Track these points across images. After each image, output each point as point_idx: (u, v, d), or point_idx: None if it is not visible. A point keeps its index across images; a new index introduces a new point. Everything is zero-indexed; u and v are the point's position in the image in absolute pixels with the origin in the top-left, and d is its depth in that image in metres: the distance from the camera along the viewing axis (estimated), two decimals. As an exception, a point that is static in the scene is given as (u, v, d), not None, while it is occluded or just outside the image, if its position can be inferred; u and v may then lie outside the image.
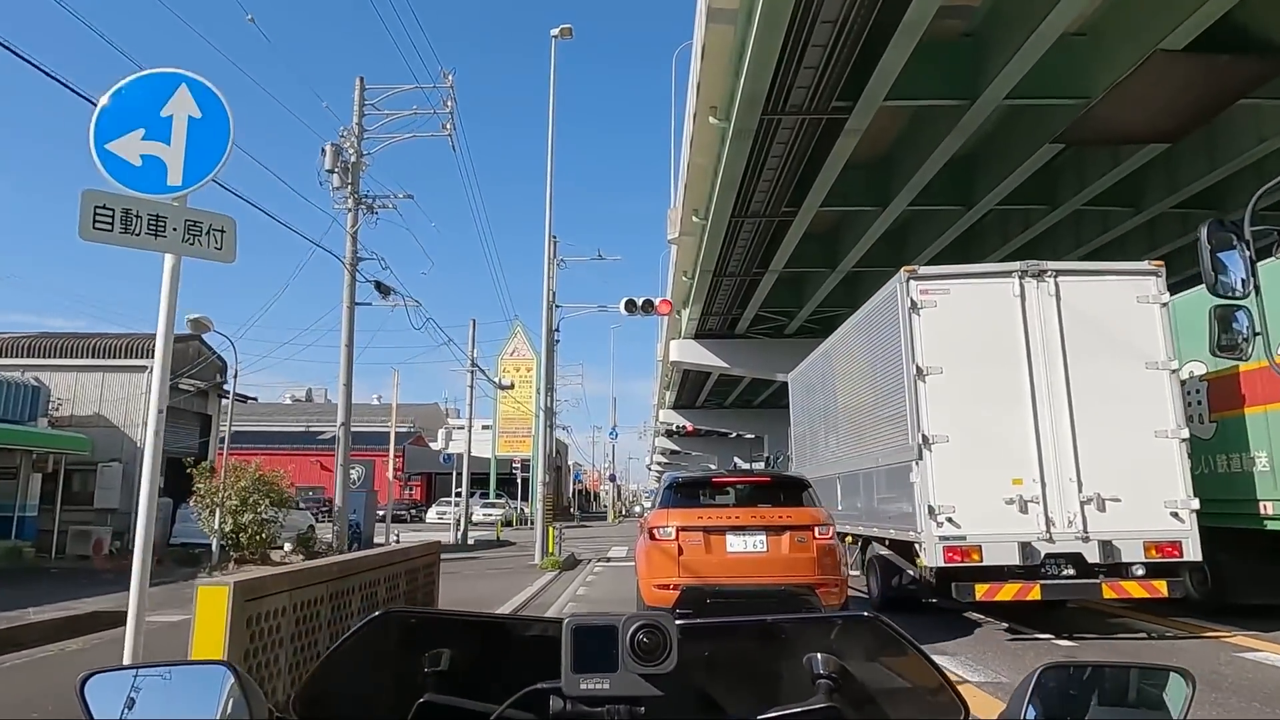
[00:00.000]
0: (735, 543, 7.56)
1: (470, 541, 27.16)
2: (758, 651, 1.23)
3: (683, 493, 8.53)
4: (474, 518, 38.74)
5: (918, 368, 8.14)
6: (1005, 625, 8.72)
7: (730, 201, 16.46)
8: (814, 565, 7.50)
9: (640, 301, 17.79)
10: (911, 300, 8.23)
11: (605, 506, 67.72)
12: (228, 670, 1.10)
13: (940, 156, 14.17)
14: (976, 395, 8.08)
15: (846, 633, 1.20)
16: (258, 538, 17.37)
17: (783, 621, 1.23)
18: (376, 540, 21.69)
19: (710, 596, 7.29)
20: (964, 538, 7.81)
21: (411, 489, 49.10)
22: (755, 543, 7.55)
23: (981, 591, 7.73)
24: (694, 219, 19.14)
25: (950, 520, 7.85)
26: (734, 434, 65.92)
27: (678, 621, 1.10)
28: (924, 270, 8.36)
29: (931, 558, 7.88)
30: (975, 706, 1.15)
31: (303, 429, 52.19)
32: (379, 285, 17.49)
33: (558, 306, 19.14)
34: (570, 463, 73.52)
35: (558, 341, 19.38)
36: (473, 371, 26.81)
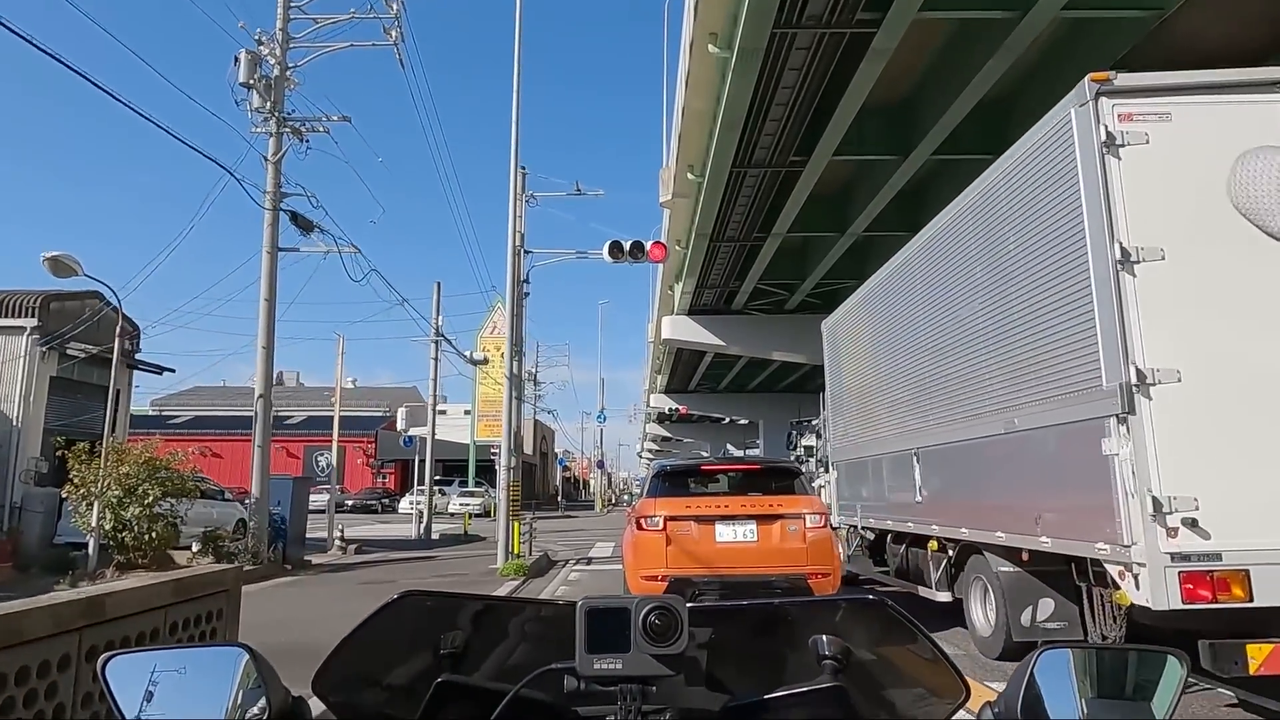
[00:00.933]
0: (725, 532, 7.35)
1: (435, 536, 23.63)
2: (765, 633, 1.24)
3: (671, 481, 8.27)
4: (451, 508, 35.22)
5: (1121, 250, 4.54)
6: (1232, 700, 5.19)
7: (731, 148, 14.46)
8: (805, 554, 7.26)
9: (628, 245, 14.07)
10: (1107, 132, 4.63)
11: (595, 495, 64.05)
12: (244, 652, 1.09)
13: (976, 90, 12.11)
14: (1225, 299, 4.52)
15: (851, 615, 1.20)
16: (148, 536, 13.70)
17: (789, 604, 1.23)
18: (314, 536, 17.88)
19: (699, 587, 7.13)
20: (1217, 556, 4.26)
21: (385, 477, 45.60)
22: (745, 532, 7.34)
23: (1259, 658, 4.17)
24: (689, 176, 17.16)
25: (1192, 525, 4.28)
26: (727, 420, 63.45)
27: (688, 605, 1.09)
28: (1125, 80, 4.71)
29: (1157, 591, 4.30)
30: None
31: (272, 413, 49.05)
32: (296, 217, 13.75)
33: (527, 252, 15.34)
34: (559, 450, 70.34)
35: (527, 295, 15.58)
36: (438, 342, 23.02)
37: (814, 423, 15.95)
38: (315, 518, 19.55)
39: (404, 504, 37.48)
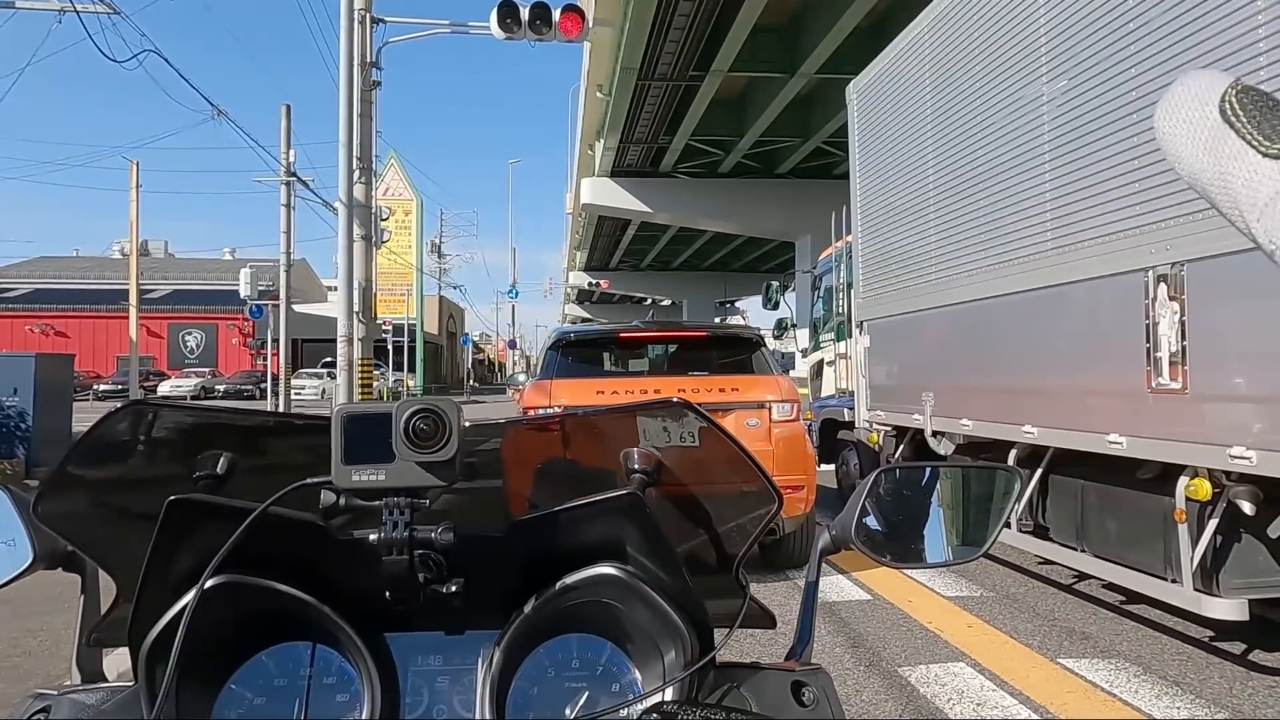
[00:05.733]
0: None
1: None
2: (569, 448, 1.16)
3: (576, 355, 6.37)
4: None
5: None
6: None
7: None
8: (770, 460, 5.41)
9: (527, 10, 10.05)
10: None
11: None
12: (4, 494, 1.01)
13: None
14: None
15: (660, 423, 1.11)
16: None
17: (595, 414, 1.13)
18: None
19: None
20: None
21: (265, 359, 42.01)
22: None
23: None
24: (613, -9, 14.89)
25: None
26: (650, 300, 61.78)
27: (478, 422, 1.02)
28: None
29: None
30: None
31: (130, 286, 44.74)
32: None
33: (377, 21, 11.16)
34: (475, 334, 67.77)
35: (378, 84, 11.41)
36: (289, 184, 19.07)
37: (814, 271, 11.64)
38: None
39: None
